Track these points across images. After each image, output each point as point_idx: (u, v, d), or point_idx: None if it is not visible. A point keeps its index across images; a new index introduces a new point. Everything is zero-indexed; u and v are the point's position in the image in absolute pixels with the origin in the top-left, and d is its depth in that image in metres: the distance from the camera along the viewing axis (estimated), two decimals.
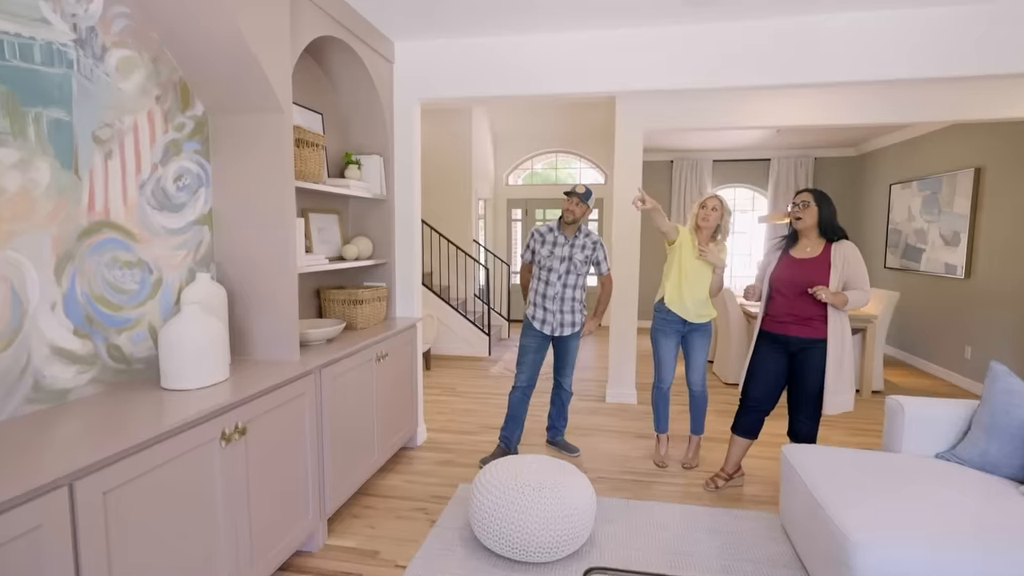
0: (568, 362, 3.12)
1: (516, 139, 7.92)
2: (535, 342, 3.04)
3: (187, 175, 1.99)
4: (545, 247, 3.00)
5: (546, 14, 2.73)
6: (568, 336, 3.06)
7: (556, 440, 3.28)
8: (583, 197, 2.93)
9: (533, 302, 3.04)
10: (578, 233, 3.02)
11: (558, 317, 3.00)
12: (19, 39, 1.42)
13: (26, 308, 1.45)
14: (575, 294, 3.03)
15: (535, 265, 3.05)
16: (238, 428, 1.67)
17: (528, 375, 3.04)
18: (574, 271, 2.99)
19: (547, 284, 2.99)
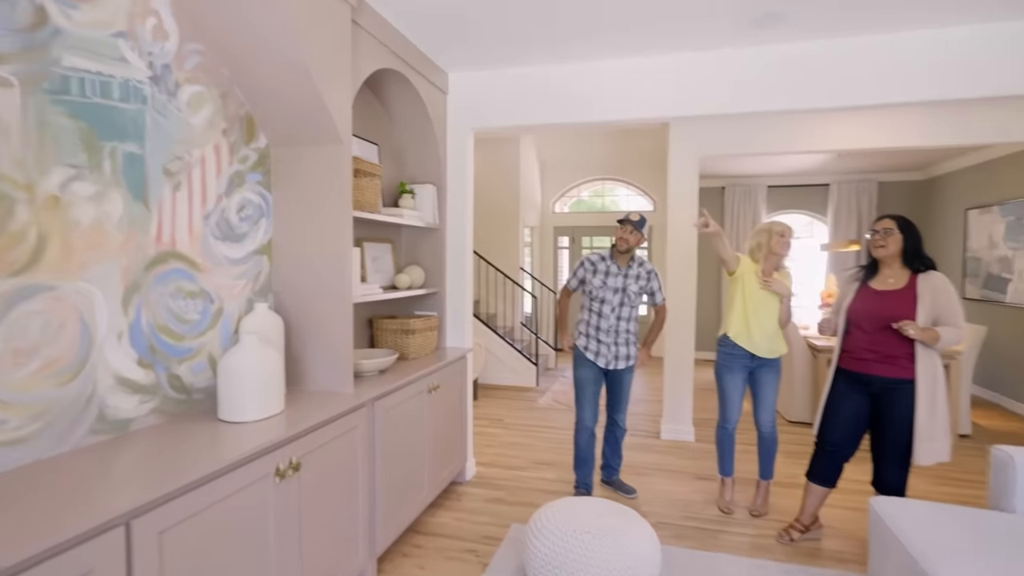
0: (623, 397, 2.98)
1: (563, 167, 7.92)
2: (592, 373, 2.91)
3: (249, 206, 2.02)
4: (597, 277, 2.89)
5: (599, 42, 2.69)
6: (622, 370, 2.92)
7: (612, 480, 3.11)
8: (637, 225, 2.83)
9: (585, 333, 2.92)
10: (631, 262, 2.90)
11: (612, 350, 2.87)
12: (100, 77, 1.47)
13: (94, 338, 1.47)
14: (629, 326, 2.91)
15: (586, 296, 2.95)
16: (292, 464, 1.62)
17: (591, 411, 2.91)
18: (628, 303, 2.87)
19: (600, 316, 2.88)
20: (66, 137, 1.39)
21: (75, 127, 1.41)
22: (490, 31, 2.56)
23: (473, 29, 2.55)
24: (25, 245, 1.30)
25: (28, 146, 1.31)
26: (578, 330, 2.98)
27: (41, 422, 1.35)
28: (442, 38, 2.65)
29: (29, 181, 1.31)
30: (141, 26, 1.58)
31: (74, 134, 1.41)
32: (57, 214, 1.37)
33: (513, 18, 2.44)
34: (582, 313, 2.98)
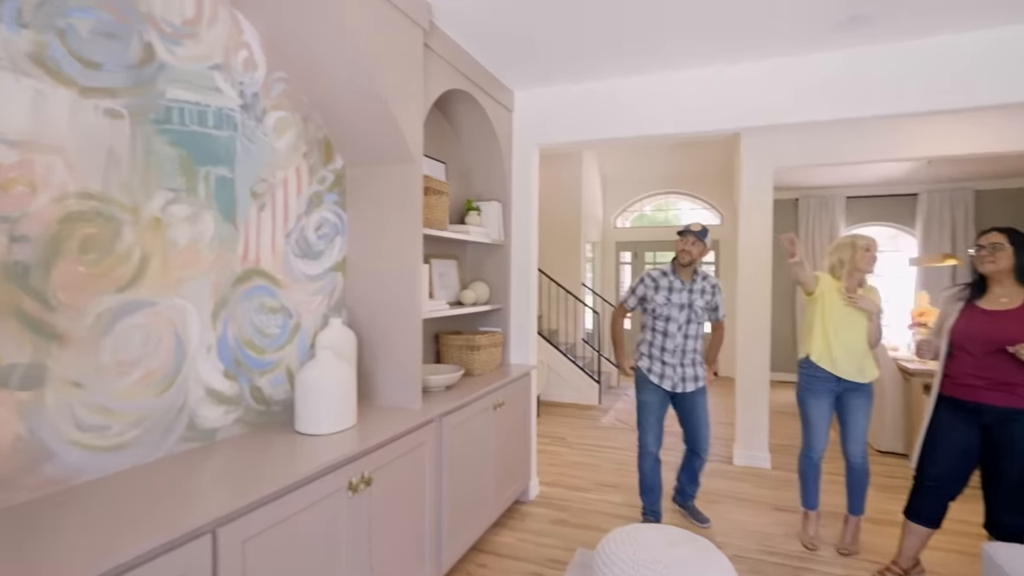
0: (700, 424, 2.77)
1: (625, 181, 7.81)
2: (656, 398, 2.76)
3: (326, 224, 2.10)
4: (660, 294, 2.73)
5: (667, 54, 2.63)
6: (693, 393, 2.75)
7: (686, 504, 2.95)
8: (699, 235, 2.68)
9: (648, 354, 2.77)
10: (696, 276, 2.76)
11: (679, 371, 2.72)
12: (197, 107, 1.58)
13: (187, 351, 1.55)
14: (696, 345, 2.75)
15: (647, 314, 2.80)
16: (364, 478, 1.64)
17: (656, 436, 2.78)
18: (695, 319, 2.72)
19: (665, 336, 2.72)
20: (167, 163, 1.49)
21: (175, 154, 1.51)
22: (557, 49, 2.57)
23: (541, 48, 2.56)
24: (130, 263, 1.40)
25: (135, 172, 1.41)
26: (639, 351, 2.84)
27: (140, 429, 1.43)
28: (509, 57, 2.68)
29: (135, 204, 1.41)
30: (234, 58, 1.69)
31: (174, 160, 1.51)
32: (158, 234, 1.47)
33: (579, 35, 2.43)
34: (643, 333, 2.84)
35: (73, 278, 1.28)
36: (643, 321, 2.85)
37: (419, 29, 2.12)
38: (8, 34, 1.17)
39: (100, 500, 1.21)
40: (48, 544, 1.02)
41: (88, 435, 1.32)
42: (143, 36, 1.43)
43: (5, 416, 1.16)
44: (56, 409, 1.25)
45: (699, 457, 2.82)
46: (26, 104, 1.20)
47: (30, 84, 1.21)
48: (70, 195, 1.27)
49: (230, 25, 1.68)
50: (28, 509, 1.16)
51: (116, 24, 1.37)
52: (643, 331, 2.84)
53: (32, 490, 1.21)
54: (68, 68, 1.27)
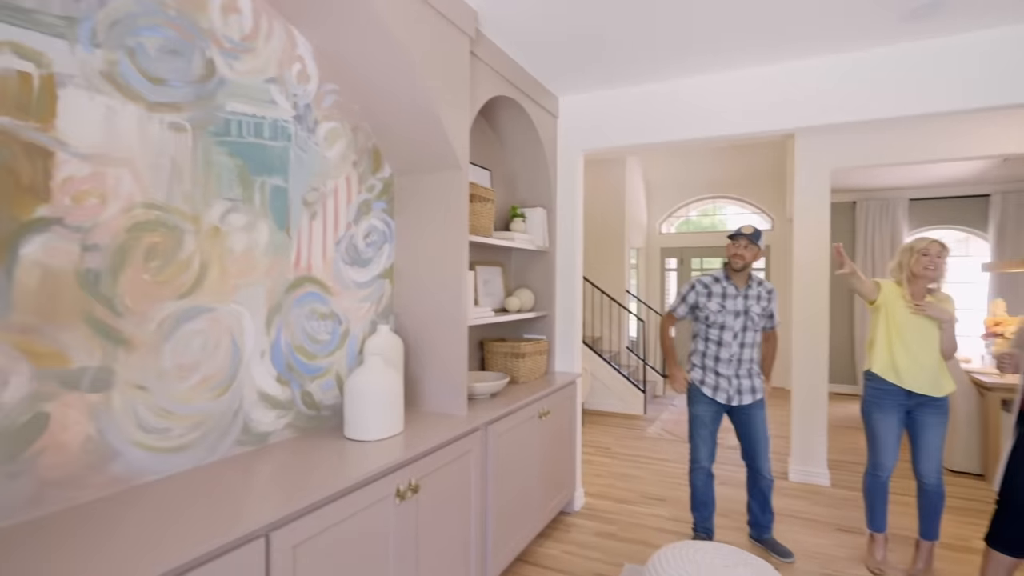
0: (758, 439, 2.59)
1: (669, 186, 7.65)
2: (709, 412, 2.62)
3: (374, 232, 2.12)
4: (713, 301, 2.59)
5: (725, 52, 2.55)
6: (750, 405, 2.59)
7: (764, 538, 2.68)
8: (752, 238, 2.53)
9: (701, 365, 2.63)
10: (750, 281, 2.61)
11: (735, 383, 2.57)
12: (254, 119, 1.63)
13: (242, 356, 1.59)
14: (753, 354, 2.60)
15: (699, 323, 2.66)
16: (411, 485, 1.64)
17: (708, 450, 2.64)
18: (752, 327, 2.57)
19: (720, 345, 2.58)
20: (225, 174, 1.54)
21: (233, 164, 1.56)
22: (622, 50, 2.50)
23: (609, 49, 2.50)
24: (190, 271, 1.45)
25: (196, 183, 1.46)
26: (691, 362, 2.69)
27: (198, 432, 1.47)
28: (555, 63, 2.66)
29: (196, 214, 1.46)
30: (288, 71, 1.74)
31: (232, 171, 1.56)
32: (217, 243, 1.52)
33: (649, 34, 2.37)
34: (695, 343, 2.70)
35: (138, 285, 1.33)
36: (694, 330, 2.72)
37: (466, 37, 2.13)
38: (84, 54, 1.23)
39: (161, 500, 1.25)
40: (111, 543, 1.05)
41: (151, 436, 1.36)
42: (205, 52, 1.49)
43: (76, 417, 1.22)
44: (122, 411, 1.30)
45: (762, 476, 2.62)
46: (99, 119, 1.26)
47: (103, 101, 1.27)
48: (137, 205, 1.33)
49: (285, 39, 1.73)
50: (95, 507, 1.21)
51: (180, 41, 1.43)
52: (694, 341, 2.71)
53: (99, 488, 1.26)
54: (136, 84, 1.33)
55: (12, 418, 1.12)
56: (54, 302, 1.18)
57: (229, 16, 1.55)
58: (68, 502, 1.21)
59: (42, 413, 1.16)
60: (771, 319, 2.66)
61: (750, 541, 2.75)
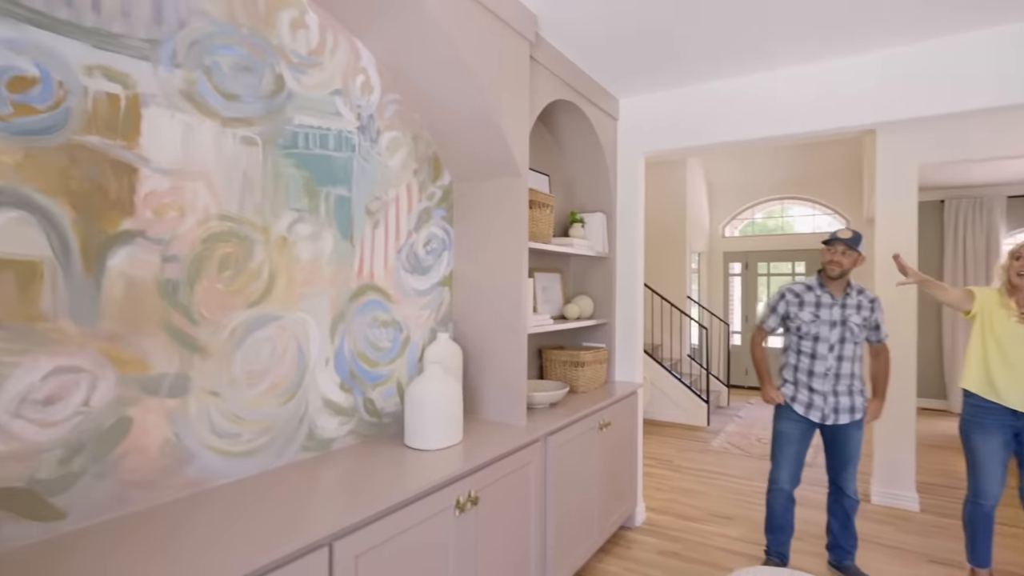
0: (848, 458, 2.38)
1: (733, 188, 7.35)
2: (798, 430, 2.39)
3: (434, 240, 2.13)
4: (806, 310, 2.37)
5: (790, 46, 2.40)
6: (847, 425, 2.35)
7: (845, 565, 2.47)
8: (850, 243, 2.28)
9: (793, 380, 2.42)
10: (849, 289, 2.37)
11: (831, 401, 2.33)
12: (319, 130, 1.66)
13: (307, 363, 1.63)
14: (853, 369, 2.34)
15: (790, 334, 2.45)
16: (471, 497, 1.62)
17: (790, 471, 2.41)
18: (851, 339, 2.32)
19: (814, 358, 2.35)
20: (293, 185, 1.58)
21: (300, 176, 1.60)
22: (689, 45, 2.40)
23: (673, 46, 2.40)
24: (260, 280, 1.49)
25: (266, 195, 1.51)
26: (783, 377, 2.48)
27: (266, 437, 1.51)
28: (616, 65, 2.59)
29: (265, 225, 1.51)
30: (352, 83, 1.77)
31: (299, 182, 1.60)
32: (284, 252, 1.56)
33: (713, 28, 2.27)
34: (786, 356, 2.48)
35: (212, 294, 1.38)
36: (785, 342, 2.50)
37: (525, 42, 2.10)
38: (165, 74, 1.29)
39: (232, 504, 1.28)
40: (182, 545, 1.08)
41: (223, 441, 1.41)
42: (275, 68, 1.53)
43: (156, 422, 1.27)
44: (197, 416, 1.35)
45: (846, 495, 2.41)
46: (178, 136, 1.32)
47: (182, 118, 1.32)
48: (212, 217, 1.38)
49: (349, 52, 1.76)
50: (171, 509, 1.25)
51: (252, 58, 1.47)
52: (785, 354, 2.49)
53: (175, 491, 1.31)
54: (212, 101, 1.38)
55: (99, 421, 1.18)
56: (137, 311, 1.24)
57: (297, 32, 1.59)
58: (147, 503, 1.26)
59: (125, 417, 1.22)
60: (877, 331, 2.40)
61: (829, 568, 2.55)
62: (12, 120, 1.06)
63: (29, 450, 1.08)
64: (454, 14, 1.72)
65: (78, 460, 1.14)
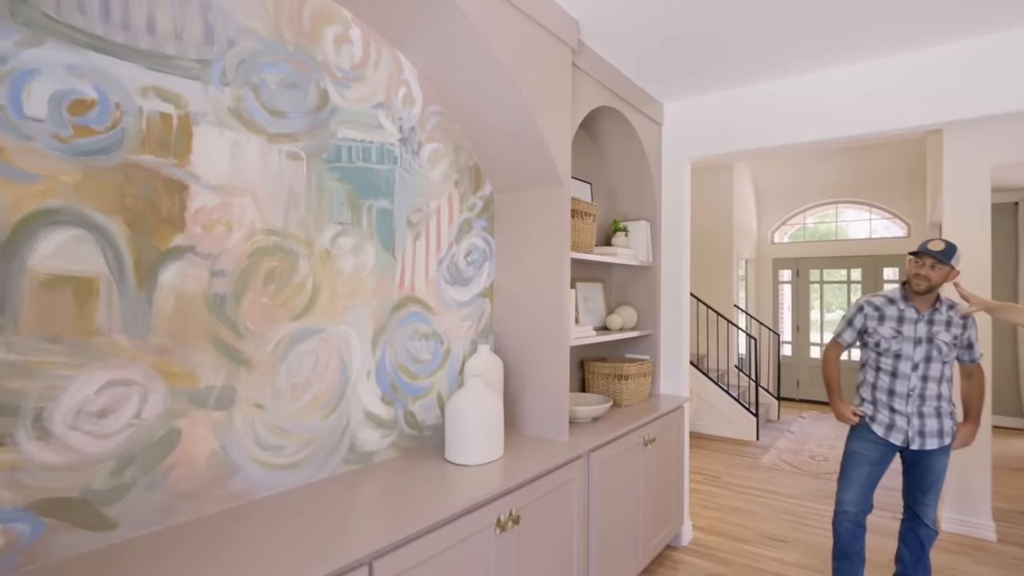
0: (931, 485, 2.17)
1: (782, 192, 7.07)
2: (875, 453, 2.19)
3: (475, 251, 2.11)
4: (886, 325, 2.18)
5: (846, 43, 2.27)
6: (934, 451, 2.14)
7: None
8: (942, 255, 2.04)
9: (871, 400, 2.23)
10: (938, 304, 2.15)
11: (915, 423, 2.13)
12: (361, 144, 1.67)
13: (349, 375, 1.63)
14: (940, 390, 2.13)
15: (869, 349, 2.25)
16: (512, 516, 1.57)
17: (859, 494, 2.21)
18: (938, 357, 2.11)
19: (894, 376, 2.16)
20: (336, 199, 1.59)
21: (343, 189, 1.61)
22: (738, 45, 2.31)
23: (721, 47, 2.31)
24: (304, 293, 1.50)
25: (310, 208, 1.52)
26: (860, 395, 2.29)
27: (309, 449, 1.52)
28: (661, 69, 2.52)
29: (309, 238, 1.52)
30: (395, 96, 1.77)
31: (342, 195, 1.61)
32: (327, 266, 1.57)
33: (764, 26, 2.18)
34: (863, 372, 2.30)
35: (258, 308, 1.40)
36: (863, 358, 2.31)
37: (567, 49, 2.06)
38: (215, 93, 1.32)
39: (276, 517, 1.29)
40: (232, 558, 1.08)
41: (267, 453, 1.42)
42: (319, 83, 1.55)
43: (203, 434, 1.29)
44: (242, 428, 1.37)
45: (923, 523, 2.20)
46: (226, 153, 1.34)
47: (230, 135, 1.35)
48: (258, 232, 1.40)
49: (391, 65, 1.77)
50: (217, 520, 1.27)
51: (298, 75, 1.50)
52: (863, 370, 2.31)
53: (221, 502, 1.33)
54: (259, 118, 1.41)
55: (150, 433, 1.20)
56: (186, 325, 1.26)
57: (341, 47, 1.61)
58: (194, 513, 1.28)
59: (175, 429, 1.24)
60: (970, 350, 2.18)
61: None
62: (72, 141, 1.09)
63: (84, 461, 1.11)
64: (496, 24, 1.70)
65: (129, 471, 1.17)
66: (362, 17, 1.66)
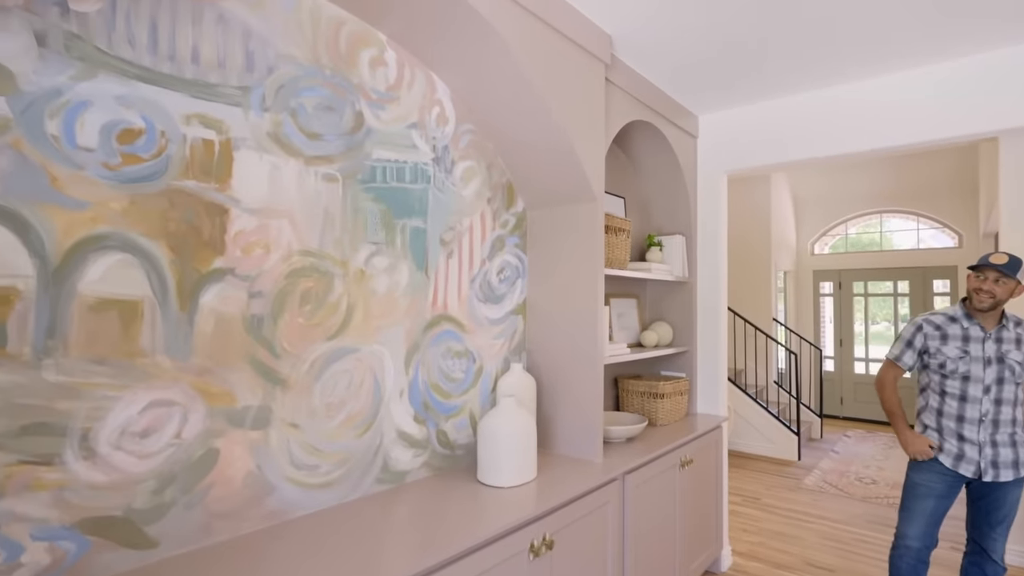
0: (1003, 518, 2.01)
1: (822, 202, 6.86)
2: (942, 485, 2.03)
3: (507, 268, 2.10)
4: (950, 345, 2.03)
5: (891, 49, 2.18)
6: (1007, 483, 1.98)
7: None
8: (1006, 269, 1.91)
9: (937, 427, 2.06)
10: (1005, 321, 2.02)
11: (988, 452, 1.96)
12: (396, 164, 1.68)
13: (383, 395, 1.63)
14: (1015, 414, 1.98)
15: (930, 372, 2.10)
16: (546, 540, 1.54)
17: (923, 529, 2.05)
18: (1011, 379, 1.96)
19: (963, 400, 2.01)
20: (371, 219, 1.61)
21: (378, 209, 1.62)
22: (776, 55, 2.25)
23: (758, 57, 2.25)
24: (339, 313, 1.52)
25: (345, 229, 1.54)
26: (921, 422, 2.14)
27: (343, 469, 1.52)
28: (696, 81, 2.48)
29: (344, 258, 1.53)
30: (428, 115, 1.79)
31: (376, 215, 1.62)
32: (362, 285, 1.58)
33: (804, 34, 2.12)
34: (924, 397, 2.14)
35: (294, 328, 1.41)
36: (923, 382, 2.15)
37: (600, 64, 2.05)
38: (255, 119, 1.35)
39: (310, 537, 1.29)
40: None
41: (302, 473, 1.43)
42: (355, 105, 1.57)
43: (240, 453, 1.30)
44: (278, 448, 1.38)
45: (991, 560, 2.03)
46: (265, 176, 1.37)
47: (269, 159, 1.38)
48: (294, 253, 1.42)
49: (425, 86, 1.78)
50: (252, 540, 1.28)
51: (334, 98, 1.52)
52: (923, 395, 2.15)
53: (256, 522, 1.33)
54: (297, 141, 1.43)
55: (189, 453, 1.22)
56: (225, 345, 1.28)
57: (376, 69, 1.63)
58: (231, 533, 1.29)
59: (213, 449, 1.26)
60: None
61: None
62: (120, 169, 1.13)
63: (127, 480, 1.13)
64: (529, 42, 1.70)
65: (169, 491, 1.19)
66: (396, 39, 1.68)
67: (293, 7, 1.43)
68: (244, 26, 1.33)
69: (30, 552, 1.01)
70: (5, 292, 0.99)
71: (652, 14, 1.91)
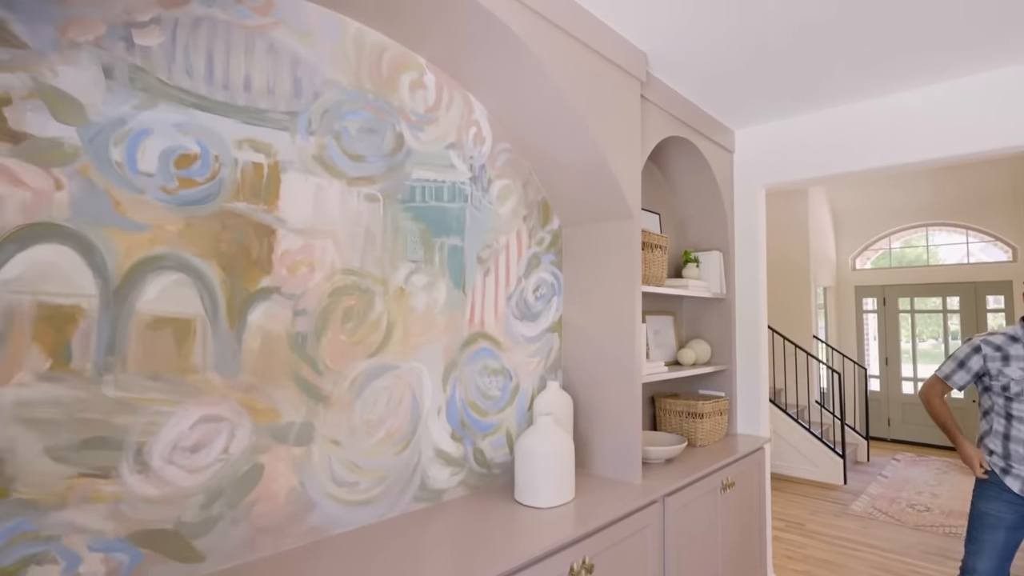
0: None
1: (863, 216, 6.65)
2: (1012, 514, 1.94)
3: (543, 285, 2.09)
4: (1013, 366, 1.95)
5: (940, 58, 2.12)
6: None
7: None
8: None
9: (1003, 452, 1.98)
10: None
11: None
12: (434, 183, 1.71)
13: (421, 412, 1.64)
14: None
15: (993, 395, 2.03)
16: (585, 564, 1.50)
17: (994, 563, 1.96)
18: None
19: None
20: (410, 237, 1.63)
21: (417, 228, 1.65)
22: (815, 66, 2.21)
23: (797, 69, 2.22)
24: (379, 331, 1.54)
25: (385, 248, 1.56)
26: (985, 447, 2.06)
27: (382, 486, 1.53)
28: (734, 94, 2.45)
29: (384, 277, 1.56)
30: (466, 136, 1.82)
31: (415, 234, 1.65)
32: (401, 303, 1.60)
33: (844, 43, 2.09)
34: (988, 420, 2.06)
35: (336, 345, 1.44)
36: (985, 405, 2.08)
37: (636, 82, 2.05)
38: (301, 142, 1.40)
39: (350, 555, 1.29)
40: None
41: (342, 489, 1.44)
42: (395, 127, 1.61)
43: (283, 469, 1.32)
44: (320, 464, 1.39)
45: None
46: (310, 198, 1.41)
47: (314, 180, 1.42)
48: (337, 272, 1.45)
49: (463, 107, 1.81)
50: (294, 556, 1.29)
51: (376, 120, 1.56)
52: (986, 418, 2.08)
53: (297, 538, 1.35)
54: (340, 163, 1.47)
55: (236, 468, 1.25)
56: (270, 362, 1.31)
57: (416, 92, 1.67)
58: (274, 549, 1.30)
59: (258, 464, 1.28)
60: None
61: None
62: (177, 193, 1.18)
63: (178, 494, 1.16)
64: (565, 62, 1.71)
65: (216, 505, 1.21)
66: (435, 63, 1.72)
67: (339, 35, 1.48)
68: (292, 55, 1.38)
69: (87, 563, 1.04)
70: (71, 311, 1.04)
71: (686, 23, 1.90)
